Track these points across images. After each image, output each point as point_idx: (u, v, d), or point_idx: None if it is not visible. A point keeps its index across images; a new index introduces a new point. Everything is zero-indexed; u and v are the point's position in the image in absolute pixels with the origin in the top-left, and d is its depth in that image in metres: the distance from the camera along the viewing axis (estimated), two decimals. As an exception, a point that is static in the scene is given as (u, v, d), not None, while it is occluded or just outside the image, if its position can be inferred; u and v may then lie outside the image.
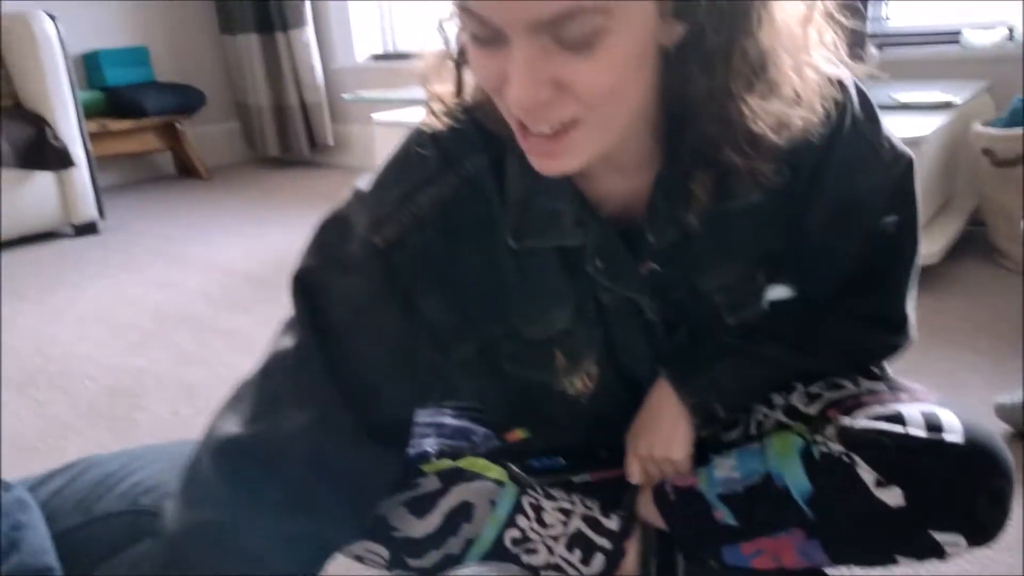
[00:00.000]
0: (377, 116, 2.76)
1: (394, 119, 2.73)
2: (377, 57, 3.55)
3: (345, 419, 0.63)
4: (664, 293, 0.71)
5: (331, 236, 0.68)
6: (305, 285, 0.67)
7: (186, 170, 3.60)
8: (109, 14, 3.45)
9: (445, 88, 0.65)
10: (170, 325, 1.90)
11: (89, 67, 3.34)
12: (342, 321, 0.65)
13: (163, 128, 3.39)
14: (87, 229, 2.72)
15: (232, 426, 0.63)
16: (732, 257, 0.70)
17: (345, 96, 2.81)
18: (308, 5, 3.45)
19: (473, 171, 0.66)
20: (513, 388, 0.76)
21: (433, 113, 0.66)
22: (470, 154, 0.66)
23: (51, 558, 0.64)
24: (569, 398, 0.75)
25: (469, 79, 0.64)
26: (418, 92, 2.95)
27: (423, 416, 0.84)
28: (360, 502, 0.67)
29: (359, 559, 0.76)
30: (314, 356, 0.64)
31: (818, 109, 0.60)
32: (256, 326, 1.83)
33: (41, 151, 2.55)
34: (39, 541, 0.64)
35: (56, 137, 2.58)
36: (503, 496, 0.75)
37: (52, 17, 2.60)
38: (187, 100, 3.38)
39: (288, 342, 0.65)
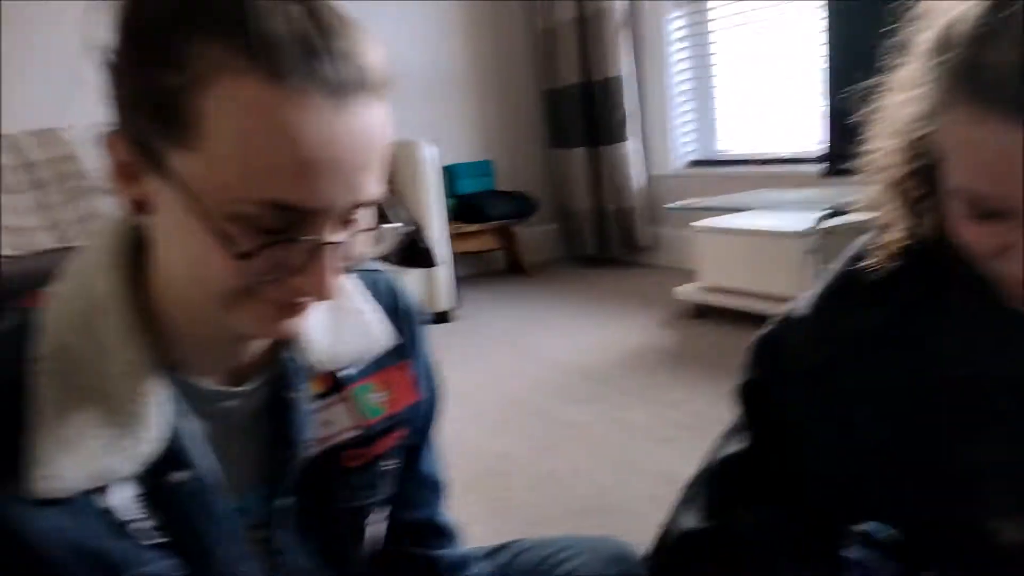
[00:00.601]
0: (696, 224, 2.93)
1: (712, 225, 2.89)
2: (695, 163, 3.78)
3: (801, 521, 0.69)
4: None
5: (767, 352, 0.76)
6: (749, 394, 0.76)
7: (513, 266, 4.05)
8: (463, 134, 4.08)
9: (888, 214, 0.65)
10: (519, 412, 2.16)
11: (446, 178, 3.94)
12: (784, 427, 0.71)
13: (500, 230, 3.88)
14: (443, 317, 3.19)
15: (690, 521, 0.73)
16: None
17: (667, 206, 3.03)
18: (631, 120, 3.77)
19: (909, 299, 0.66)
20: (936, 523, 0.71)
21: (876, 241, 0.67)
22: (907, 283, 0.66)
23: None
24: (1002, 546, 0.66)
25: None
26: (733, 200, 3.07)
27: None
28: None
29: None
30: (765, 458, 0.72)
31: None
32: (593, 420, 2.03)
33: (415, 253, 3.07)
34: None
35: (424, 241, 3.08)
36: None
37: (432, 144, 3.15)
38: (522, 207, 3.84)
39: (734, 447, 0.75)
